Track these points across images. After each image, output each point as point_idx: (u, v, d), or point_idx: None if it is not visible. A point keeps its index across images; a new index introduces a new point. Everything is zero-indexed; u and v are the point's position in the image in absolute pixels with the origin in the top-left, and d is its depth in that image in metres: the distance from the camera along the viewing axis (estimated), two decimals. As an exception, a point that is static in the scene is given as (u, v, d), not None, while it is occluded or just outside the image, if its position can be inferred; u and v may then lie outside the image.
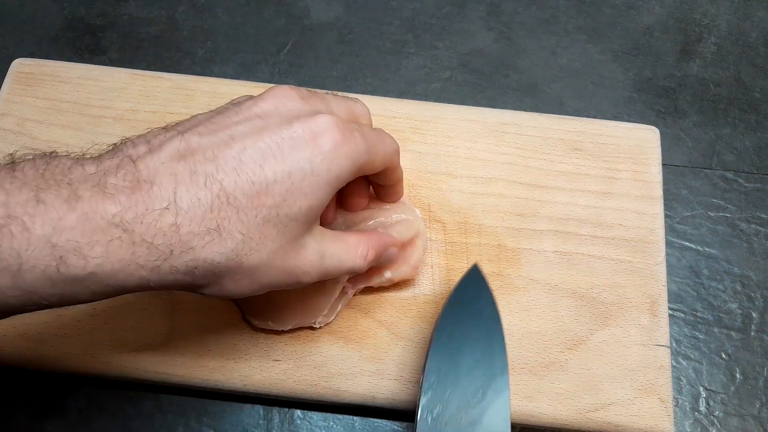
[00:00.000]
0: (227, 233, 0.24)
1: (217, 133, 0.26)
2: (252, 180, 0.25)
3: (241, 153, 0.25)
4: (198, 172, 0.24)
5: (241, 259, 0.25)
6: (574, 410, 0.36)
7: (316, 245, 0.28)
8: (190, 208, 0.24)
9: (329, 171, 0.27)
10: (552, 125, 0.43)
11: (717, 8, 0.53)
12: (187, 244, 0.24)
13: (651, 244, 0.40)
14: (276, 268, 0.27)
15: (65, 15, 0.51)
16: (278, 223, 0.26)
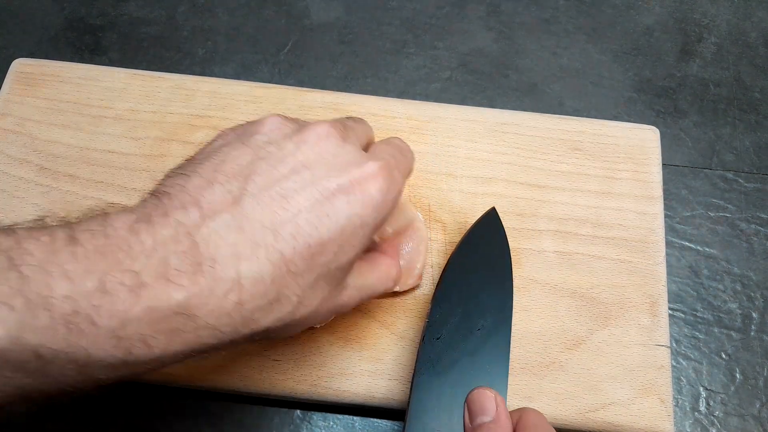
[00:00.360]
0: (285, 299, 0.24)
1: (269, 190, 0.25)
2: (309, 243, 0.24)
3: (297, 216, 0.24)
4: (258, 243, 0.23)
5: (294, 317, 0.25)
6: (574, 410, 0.36)
7: (355, 281, 0.28)
8: (254, 285, 0.23)
9: (376, 219, 0.27)
10: (552, 125, 0.43)
11: (717, 8, 0.53)
12: (249, 318, 0.24)
13: (651, 244, 0.40)
14: (321, 313, 0.27)
15: (65, 15, 0.51)
16: (328, 276, 0.26)
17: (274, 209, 0.24)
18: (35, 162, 0.41)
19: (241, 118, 0.42)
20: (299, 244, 0.24)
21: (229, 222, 0.23)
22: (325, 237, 0.25)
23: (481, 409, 0.28)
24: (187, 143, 0.42)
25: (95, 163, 0.41)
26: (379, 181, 0.26)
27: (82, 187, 0.40)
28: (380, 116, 0.42)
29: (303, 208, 0.25)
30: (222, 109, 0.43)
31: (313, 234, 0.25)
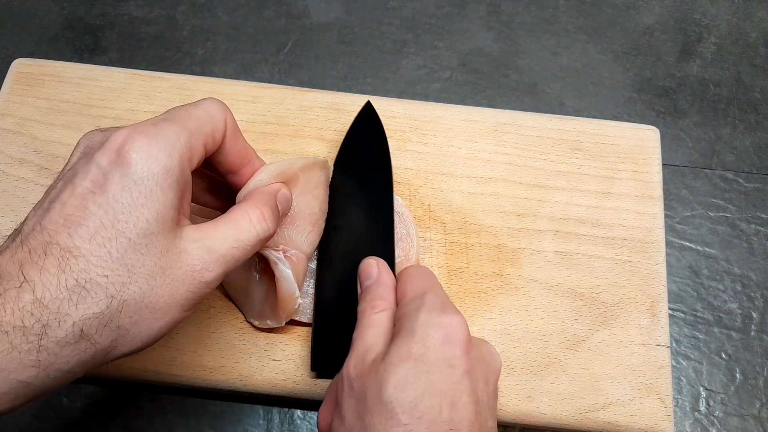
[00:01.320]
0: (89, 284, 0.24)
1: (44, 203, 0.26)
2: (74, 220, 0.25)
3: (65, 205, 0.25)
4: (32, 245, 0.24)
5: (121, 299, 0.24)
6: (574, 410, 0.36)
7: (197, 243, 0.27)
8: (42, 278, 0.23)
9: (153, 175, 0.25)
10: (552, 125, 0.43)
11: (717, 8, 0.53)
12: (59, 313, 0.23)
13: (651, 244, 0.40)
14: (167, 287, 0.26)
15: (65, 15, 0.51)
16: (133, 247, 0.25)
17: (46, 211, 0.25)
18: (35, 162, 0.41)
19: (241, 117, 0.42)
20: (73, 231, 0.24)
21: (9, 245, 0.25)
22: (93, 210, 0.25)
23: (366, 275, 0.33)
24: (187, 143, 0.41)
25: (95, 163, 0.41)
26: (130, 134, 0.26)
27: (82, 187, 0.40)
28: (380, 116, 0.42)
29: (67, 201, 0.25)
30: (222, 109, 0.43)
31: (81, 214, 0.25)
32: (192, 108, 0.29)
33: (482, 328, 0.37)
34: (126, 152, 0.25)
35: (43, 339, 0.23)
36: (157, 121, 0.27)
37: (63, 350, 0.24)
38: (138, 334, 0.25)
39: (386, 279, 0.32)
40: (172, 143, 0.26)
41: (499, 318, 0.38)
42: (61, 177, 0.27)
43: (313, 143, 0.42)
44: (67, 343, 0.24)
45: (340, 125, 0.42)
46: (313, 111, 0.43)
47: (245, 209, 0.29)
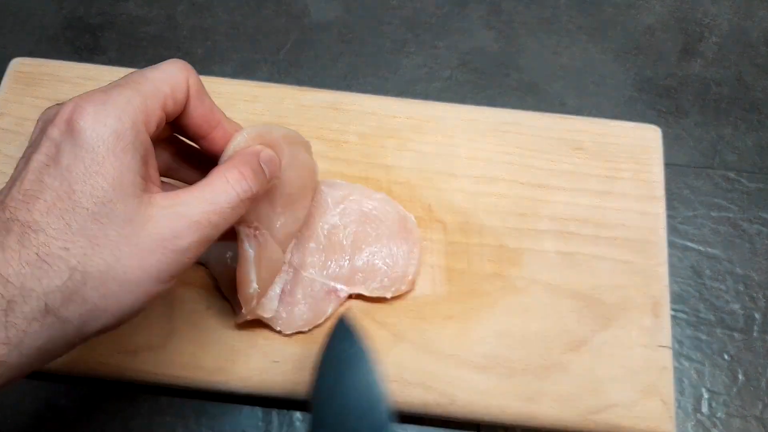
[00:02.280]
0: (50, 257, 0.23)
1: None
2: (31, 195, 0.24)
3: (22, 183, 0.25)
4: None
5: (84, 270, 0.24)
6: (576, 412, 0.35)
7: (166, 209, 0.26)
8: (5, 255, 0.23)
9: (99, 141, 0.25)
10: (553, 125, 0.42)
11: (718, 7, 0.52)
12: (23, 288, 0.23)
13: (653, 244, 0.39)
14: (135, 257, 0.25)
15: (64, 14, 0.51)
16: (92, 217, 0.24)
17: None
18: (33, 162, 0.40)
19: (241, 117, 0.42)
20: (27, 203, 0.24)
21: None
22: (48, 183, 0.24)
23: None
24: (186, 143, 0.41)
25: (94, 163, 0.41)
26: (82, 111, 0.25)
27: (80, 187, 0.40)
28: (380, 116, 0.42)
29: (22, 178, 0.25)
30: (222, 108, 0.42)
31: (33, 187, 0.25)
32: (149, 70, 0.28)
33: (483, 330, 0.37)
34: (74, 121, 0.25)
35: (9, 315, 0.23)
36: (108, 87, 0.27)
37: (31, 326, 0.23)
38: (108, 308, 0.25)
39: None
40: (122, 107, 0.25)
41: (500, 319, 0.37)
42: (23, 156, 0.26)
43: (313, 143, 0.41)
44: (33, 318, 0.23)
45: (340, 124, 0.42)
46: (312, 110, 0.42)
47: (222, 170, 0.28)
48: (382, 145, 0.42)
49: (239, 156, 0.29)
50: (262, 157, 0.30)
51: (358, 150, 0.41)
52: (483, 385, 0.36)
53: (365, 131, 0.42)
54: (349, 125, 0.42)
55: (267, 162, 0.30)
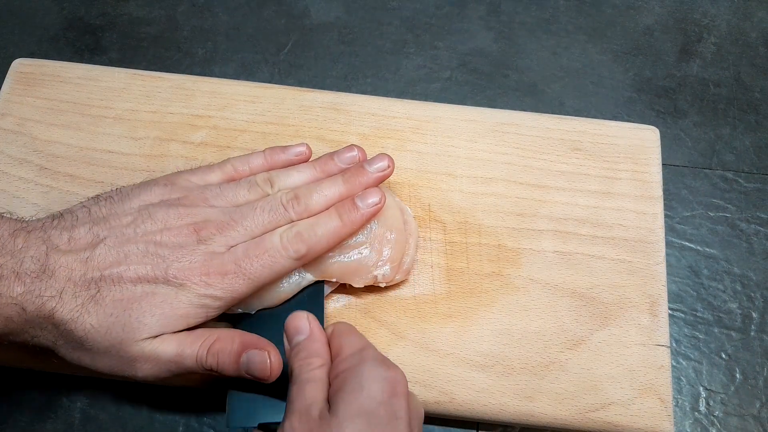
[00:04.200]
0: (84, 321, 0.30)
1: (119, 247, 0.31)
2: (119, 298, 0.30)
3: (125, 271, 0.30)
4: (88, 275, 0.30)
5: (73, 329, 0.30)
6: (574, 410, 0.36)
7: (154, 345, 0.31)
8: (70, 300, 0.29)
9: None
10: (552, 125, 0.43)
11: (717, 8, 0.53)
12: (52, 320, 0.29)
13: (651, 244, 0.40)
14: (109, 358, 0.31)
15: (65, 15, 0.51)
16: (123, 326, 0.30)
17: (112, 263, 0.30)
18: (35, 162, 0.41)
19: (241, 118, 0.42)
20: (111, 292, 0.30)
21: (78, 256, 0.30)
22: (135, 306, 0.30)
23: (295, 330, 0.31)
24: (187, 143, 0.42)
25: (95, 163, 0.41)
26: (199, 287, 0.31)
27: (82, 187, 0.40)
28: (380, 116, 0.42)
29: (132, 265, 0.31)
30: (222, 109, 0.43)
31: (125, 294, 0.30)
32: (266, 269, 0.33)
33: (482, 328, 0.37)
34: (186, 283, 0.31)
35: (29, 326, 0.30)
36: (225, 269, 0.32)
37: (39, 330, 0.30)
38: (66, 354, 0.31)
39: (319, 335, 0.31)
40: (219, 300, 0.32)
41: (498, 318, 0.38)
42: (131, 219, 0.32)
43: (313, 143, 0.42)
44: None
45: (340, 125, 0.42)
46: (313, 111, 0.43)
47: (201, 334, 0.32)
48: (382, 146, 0.42)
49: (217, 333, 0.32)
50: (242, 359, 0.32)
51: (358, 150, 0.42)
52: (482, 383, 0.36)
53: (365, 131, 0.42)
54: (349, 126, 0.42)
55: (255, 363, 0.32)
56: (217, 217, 0.33)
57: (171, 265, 0.31)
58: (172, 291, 0.30)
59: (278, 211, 0.33)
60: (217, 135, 0.42)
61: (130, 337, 0.30)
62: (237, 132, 0.42)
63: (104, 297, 0.30)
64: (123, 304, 0.30)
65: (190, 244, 0.31)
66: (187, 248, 0.31)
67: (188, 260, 0.31)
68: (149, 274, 0.30)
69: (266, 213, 0.33)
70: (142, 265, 0.30)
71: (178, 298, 0.30)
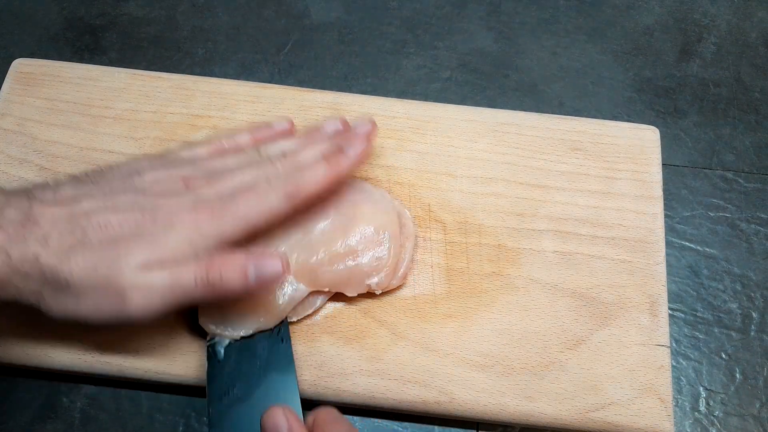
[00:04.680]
0: (73, 265, 0.29)
1: (104, 197, 0.31)
2: (103, 240, 0.30)
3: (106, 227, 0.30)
4: (74, 222, 0.30)
5: (74, 280, 0.29)
6: (574, 410, 0.36)
7: (141, 275, 0.30)
8: (56, 245, 0.29)
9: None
10: (552, 125, 0.43)
11: (717, 8, 0.53)
12: (39, 268, 0.29)
13: (651, 244, 0.40)
14: (98, 298, 0.30)
15: (65, 15, 0.51)
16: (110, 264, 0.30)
17: (99, 208, 0.30)
18: (35, 162, 0.41)
19: (241, 118, 0.42)
20: (97, 238, 0.30)
21: (62, 209, 0.30)
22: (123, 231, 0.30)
23: (274, 427, 0.29)
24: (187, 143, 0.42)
25: (95, 163, 0.41)
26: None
27: (82, 187, 0.40)
28: (380, 116, 0.43)
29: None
30: (222, 109, 0.43)
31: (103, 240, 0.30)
32: (254, 205, 0.33)
33: (482, 328, 0.37)
34: (173, 223, 0.31)
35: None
36: (214, 211, 0.32)
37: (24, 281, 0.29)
38: (52, 305, 0.30)
39: (299, 430, 0.29)
40: (208, 239, 0.31)
41: (498, 318, 0.38)
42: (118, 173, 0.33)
43: (313, 143, 0.42)
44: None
45: (340, 125, 0.42)
46: (313, 111, 0.43)
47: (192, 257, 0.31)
48: (382, 145, 0.42)
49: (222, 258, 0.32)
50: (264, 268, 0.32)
51: (358, 150, 0.42)
52: (482, 383, 0.36)
53: (365, 131, 0.42)
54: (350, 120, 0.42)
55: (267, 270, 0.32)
56: (206, 174, 0.33)
57: (159, 209, 0.31)
58: (160, 231, 0.30)
59: (266, 166, 0.34)
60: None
61: (118, 271, 0.29)
62: (237, 132, 0.42)
63: (90, 240, 0.29)
64: (110, 245, 0.29)
65: (178, 191, 0.32)
66: (175, 195, 0.31)
67: (176, 203, 0.31)
68: (137, 218, 0.30)
69: (254, 168, 0.33)
70: (130, 212, 0.30)
71: (167, 237, 0.30)
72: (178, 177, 0.32)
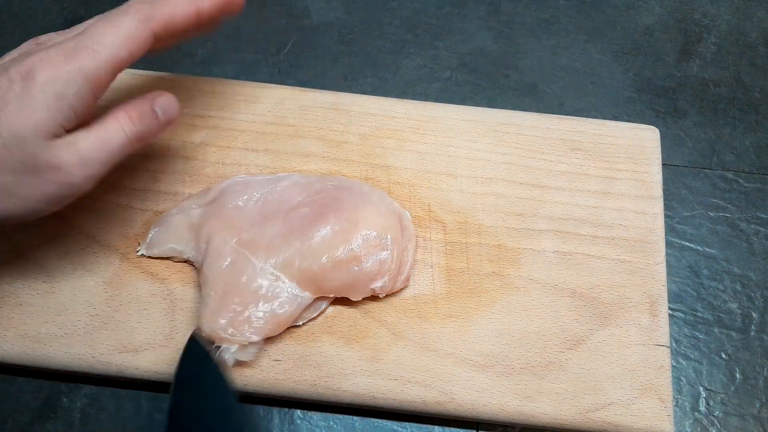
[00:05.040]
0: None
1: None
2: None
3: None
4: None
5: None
6: (574, 410, 0.36)
7: (68, 147, 0.30)
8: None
9: (41, 92, 0.29)
10: (552, 125, 0.43)
11: (717, 8, 0.53)
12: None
13: (651, 244, 0.40)
14: (31, 181, 0.30)
15: (65, 15, 0.51)
16: (2, 144, 0.29)
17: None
18: (35, 162, 0.41)
19: (241, 118, 0.42)
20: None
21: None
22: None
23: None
24: (187, 143, 0.42)
25: (95, 163, 0.41)
26: (39, 67, 0.30)
27: (82, 187, 0.40)
28: (380, 116, 0.43)
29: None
30: (222, 109, 0.43)
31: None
32: (109, 31, 0.31)
33: (482, 328, 0.37)
34: (33, 72, 0.29)
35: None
36: (68, 48, 0.30)
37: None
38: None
39: None
40: (73, 76, 0.30)
41: (498, 318, 0.38)
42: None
43: (313, 143, 0.42)
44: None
45: (340, 125, 0.42)
46: (313, 111, 0.43)
47: (115, 112, 0.32)
48: (382, 146, 0.42)
49: (133, 100, 0.33)
50: (157, 101, 0.33)
51: (359, 150, 0.42)
52: (482, 383, 0.36)
53: (365, 132, 0.42)
54: (349, 126, 0.42)
55: (162, 106, 0.33)
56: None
57: (10, 68, 0.30)
58: (22, 90, 0.29)
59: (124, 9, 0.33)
60: (217, 135, 0.42)
61: (31, 146, 0.29)
62: (237, 132, 0.42)
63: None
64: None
65: (32, 50, 0.31)
66: (28, 53, 0.30)
67: (28, 58, 0.30)
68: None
69: (112, 14, 0.33)
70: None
71: (31, 96, 0.29)
72: (30, 43, 0.32)
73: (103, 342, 0.36)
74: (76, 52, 0.30)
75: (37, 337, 0.36)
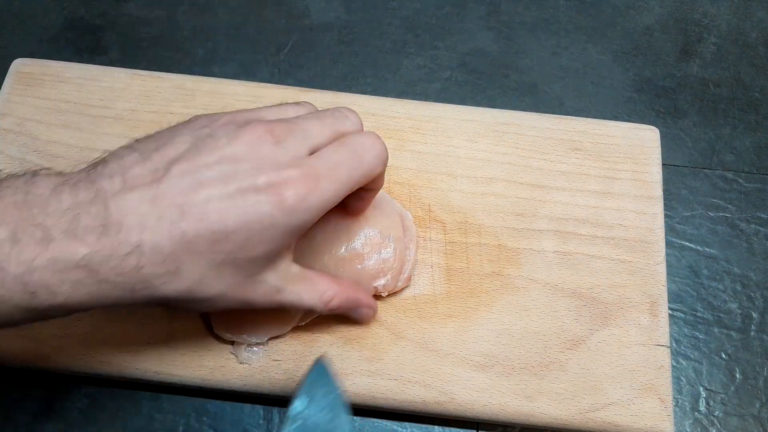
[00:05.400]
0: (185, 274, 0.26)
1: (190, 174, 0.26)
2: (213, 230, 0.26)
3: (207, 203, 0.26)
4: (164, 218, 0.25)
5: (194, 294, 0.27)
6: (574, 410, 0.36)
7: (276, 281, 0.29)
8: (152, 254, 0.25)
9: (289, 223, 0.27)
10: (552, 125, 0.43)
11: (717, 8, 0.53)
12: (146, 282, 0.26)
13: (651, 244, 0.40)
14: (229, 299, 0.28)
15: (65, 15, 0.51)
16: (235, 264, 0.27)
17: (188, 192, 0.26)
18: (35, 162, 0.41)
19: (241, 118, 0.42)
20: (203, 228, 0.26)
21: (144, 195, 0.25)
22: (231, 227, 0.26)
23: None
24: (187, 143, 0.42)
25: (95, 163, 0.41)
26: (297, 188, 0.27)
27: (82, 187, 0.40)
28: (380, 116, 0.43)
29: (215, 197, 0.26)
30: (222, 109, 0.42)
31: (218, 222, 0.26)
32: (368, 150, 0.30)
33: (482, 328, 0.37)
34: (286, 195, 0.27)
35: (123, 294, 0.26)
36: (318, 173, 0.28)
37: (130, 302, 0.26)
38: (181, 309, 0.28)
39: None
40: (324, 201, 0.28)
41: (498, 318, 0.38)
42: (216, 152, 0.27)
43: (313, 143, 0.42)
44: (136, 301, 0.26)
45: (340, 125, 0.42)
46: (313, 111, 0.43)
47: (329, 288, 0.32)
48: (381, 146, 0.42)
49: (351, 292, 0.33)
50: (359, 311, 0.35)
51: (358, 150, 0.42)
52: (482, 383, 0.36)
53: (365, 131, 0.42)
54: (349, 125, 0.42)
55: (357, 316, 0.35)
56: (280, 122, 0.29)
57: (258, 177, 0.27)
58: (265, 207, 0.27)
59: (336, 115, 0.31)
60: (217, 135, 0.42)
61: (247, 277, 0.28)
62: (237, 132, 0.42)
63: (197, 245, 0.26)
64: (220, 245, 0.26)
65: (267, 146, 0.27)
66: (267, 154, 0.27)
67: (274, 165, 0.27)
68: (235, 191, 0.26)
69: (328, 115, 0.30)
70: (222, 184, 0.26)
71: (272, 215, 0.27)
72: (258, 127, 0.28)
73: (103, 342, 0.36)
74: (326, 179, 0.28)
75: (37, 338, 0.36)
